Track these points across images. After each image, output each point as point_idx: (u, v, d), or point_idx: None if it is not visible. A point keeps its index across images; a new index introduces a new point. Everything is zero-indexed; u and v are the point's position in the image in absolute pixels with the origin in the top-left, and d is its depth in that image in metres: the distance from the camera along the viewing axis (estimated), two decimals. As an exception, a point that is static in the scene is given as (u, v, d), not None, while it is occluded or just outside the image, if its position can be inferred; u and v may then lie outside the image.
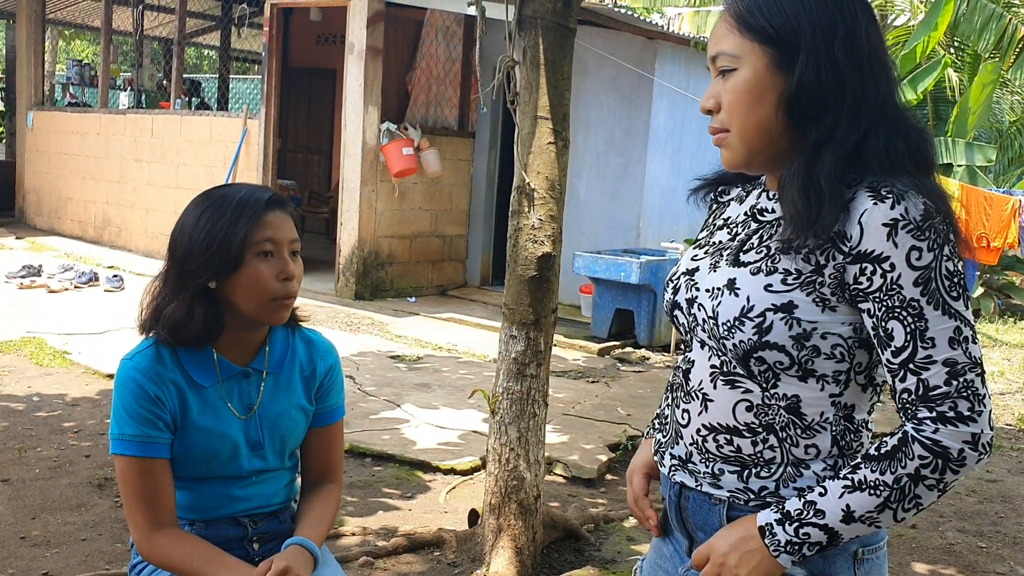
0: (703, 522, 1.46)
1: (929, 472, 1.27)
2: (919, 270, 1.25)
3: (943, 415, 1.26)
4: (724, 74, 1.37)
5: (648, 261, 7.56)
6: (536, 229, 3.38)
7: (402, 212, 9.43)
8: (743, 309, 1.33)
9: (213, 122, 10.33)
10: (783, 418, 1.36)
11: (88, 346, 6.49)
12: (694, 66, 9.19)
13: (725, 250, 1.43)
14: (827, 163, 1.30)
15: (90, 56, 22.36)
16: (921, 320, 1.26)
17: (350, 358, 6.65)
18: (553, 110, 3.35)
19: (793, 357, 1.32)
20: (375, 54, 8.83)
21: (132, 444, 1.79)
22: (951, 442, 1.25)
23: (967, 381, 1.25)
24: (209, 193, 1.88)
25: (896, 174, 1.29)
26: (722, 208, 1.55)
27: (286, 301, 1.84)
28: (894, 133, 1.31)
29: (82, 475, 4.20)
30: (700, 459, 1.44)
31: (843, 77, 1.31)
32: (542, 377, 3.48)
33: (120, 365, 1.84)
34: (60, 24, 14.67)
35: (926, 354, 1.26)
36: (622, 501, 4.36)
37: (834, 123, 1.31)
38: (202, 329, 1.82)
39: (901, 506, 1.29)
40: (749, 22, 1.34)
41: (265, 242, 1.80)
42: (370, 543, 3.71)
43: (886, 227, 1.25)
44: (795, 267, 1.32)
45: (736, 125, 1.36)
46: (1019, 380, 7.61)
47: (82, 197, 12.02)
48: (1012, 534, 4.30)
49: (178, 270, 1.83)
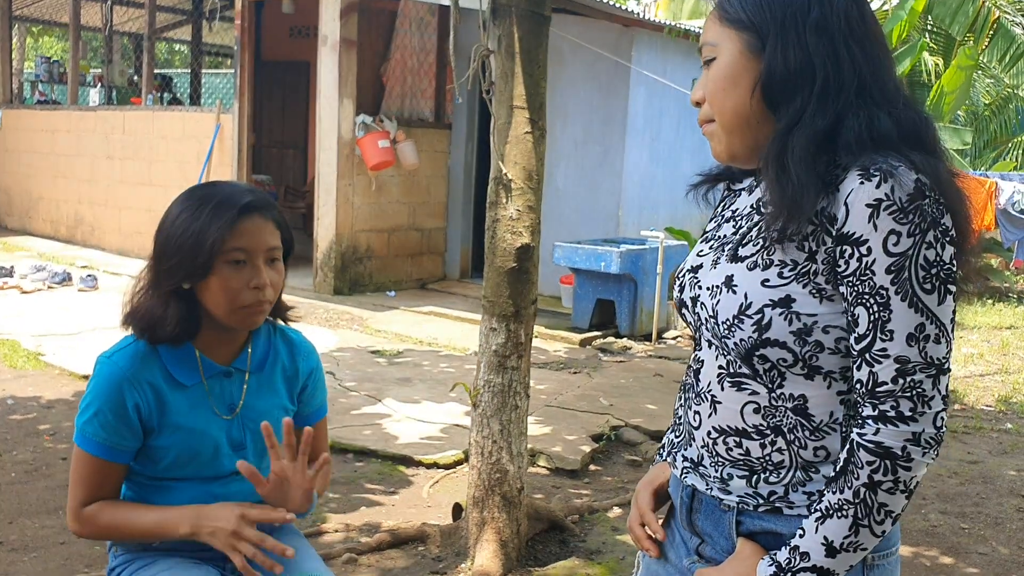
0: (712, 528, 1.44)
1: (882, 475, 1.24)
2: (894, 256, 1.22)
3: (884, 414, 1.24)
4: (708, 64, 1.38)
5: (628, 250, 7.55)
6: (514, 220, 3.35)
7: (379, 206, 9.36)
8: (741, 307, 1.31)
9: (186, 118, 10.23)
10: (791, 420, 1.33)
11: (62, 347, 6.41)
12: (670, 53, 9.17)
13: (727, 245, 1.41)
14: (796, 148, 1.27)
15: (59, 53, 22.09)
16: (885, 310, 1.23)
17: (330, 354, 6.60)
18: (529, 99, 3.32)
19: (796, 354, 1.29)
20: (349, 46, 8.76)
21: (95, 444, 1.79)
22: (893, 441, 1.23)
23: (914, 381, 1.23)
24: (193, 191, 1.86)
25: (888, 152, 1.26)
26: (733, 198, 1.53)
27: (256, 308, 1.81)
28: (878, 111, 1.28)
29: (59, 478, 4.14)
30: (711, 462, 1.42)
31: (813, 61, 1.29)
32: (523, 369, 3.46)
33: (99, 361, 1.82)
34: (28, 21, 14.47)
35: (882, 346, 1.24)
36: (606, 491, 4.35)
37: (804, 107, 1.29)
38: (175, 328, 1.80)
39: (872, 519, 1.26)
40: (727, 11, 1.35)
41: (236, 251, 1.76)
42: (353, 539, 3.68)
43: (869, 208, 1.22)
44: (790, 258, 1.30)
45: (717, 113, 1.36)
46: (998, 362, 7.67)
47: (53, 196, 11.88)
48: (994, 515, 4.32)
49: (155, 268, 1.82)
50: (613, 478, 4.58)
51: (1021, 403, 6.38)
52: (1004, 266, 11.61)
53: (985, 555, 3.87)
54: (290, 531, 2.08)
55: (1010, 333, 8.85)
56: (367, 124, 8.93)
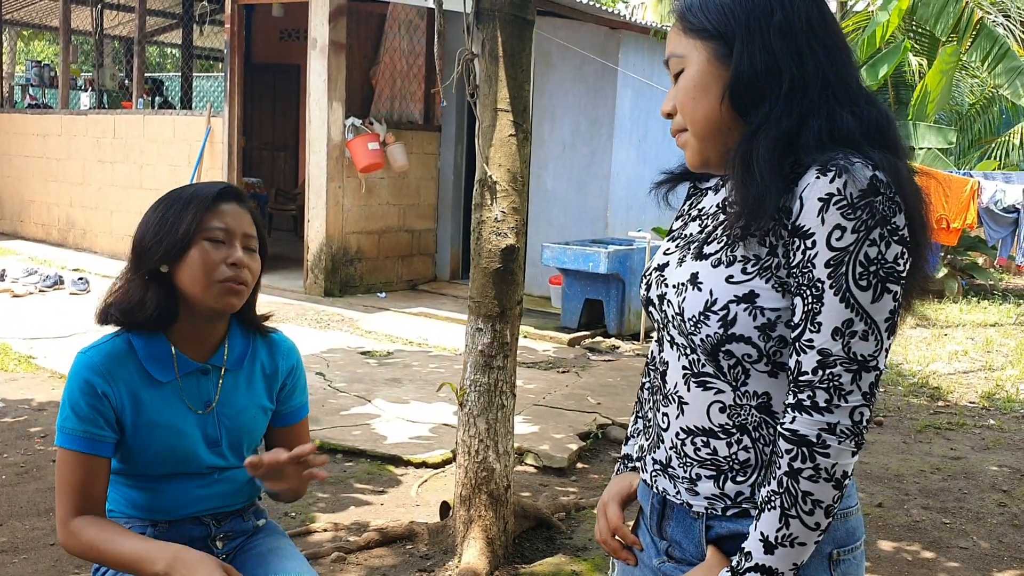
0: (683, 536, 1.45)
1: (800, 463, 1.25)
2: (834, 251, 1.23)
3: (801, 403, 1.26)
4: (676, 77, 1.40)
5: (616, 251, 7.60)
6: (499, 222, 3.39)
7: (369, 208, 9.40)
8: (707, 303, 1.33)
9: (176, 121, 10.25)
10: (755, 418, 1.35)
11: (54, 350, 6.43)
12: (658, 55, 9.22)
13: (693, 243, 1.43)
14: (761, 149, 1.29)
15: (49, 56, 22.05)
16: (818, 302, 1.24)
17: (320, 355, 6.63)
18: (513, 102, 3.36)
19: (761, 349, 1.31)
20: (338, 49, 8.79)
21: (75, 439, 1.79)
22: (807, 430, 1.25)
23: (832, 374, 1.24)
24: (170, 192, 1.91)
25: (849, 149, 1.27)
26: (699, 197, 1.55)
27: (234, 286, 1.83)
28: (840, 110, 1.30)
29: (49, 480, 4.16)
30: (679, 463, 1.43)
31: (779, 64, 1.31)
32: (509, 368, 3.50)
33: (75, 357, 1.84)
34: (18, 25, 14.47)
35: (809, 337, 1.25)
36: (593, 489, 4.40)
37: (770, 110, 1.31)
38: (153, 312, 1.82)
39: (799, 509, 1.26)
40: (691, 21, 1.37)
41: (216, 229, 1.81)
42: (342, 539, 3.71)
43: (820, 202, 1.23)
44: (753, 253, 1.31)
45: (689, 122, 1.38)
46: (982, 359, 7.73)
47: (45, 199, 11.88)
48: (975, 510, 4.37)
49: (133, 258, 1.86)
50: (600, 476, 4.63)
51: (1004, 400, 6.45)
52: (988, 264, 11.70)
53: (966, 549, 3.92)
54: (274, 531, 2.09)
55: (994, 330, 8.92)
56: (356, 127, 8.97)
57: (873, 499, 4.44)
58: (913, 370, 7.26)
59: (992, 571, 3.72)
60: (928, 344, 8.21)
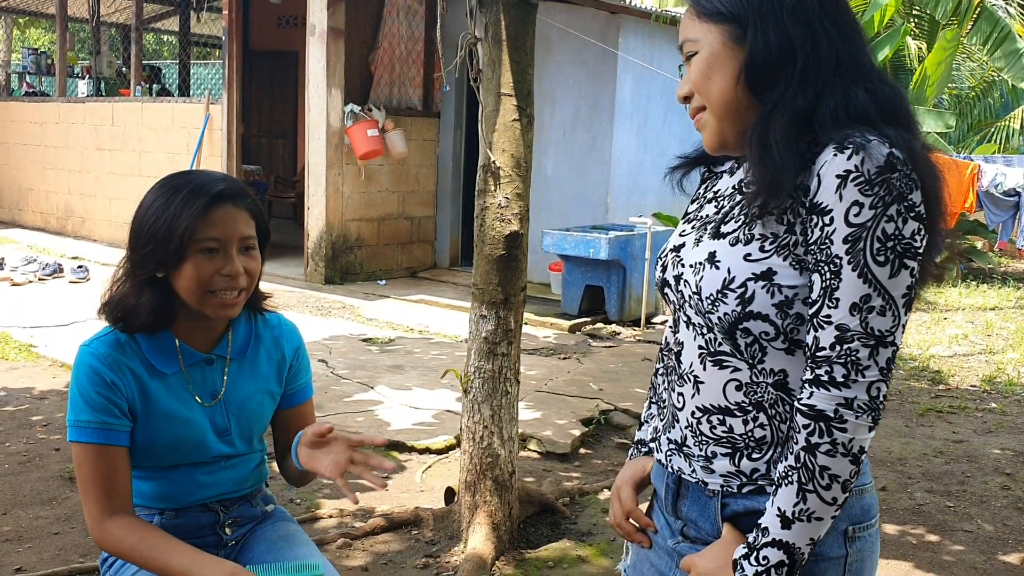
0: (698, 514, 1.46)
1: (818, 438, 1.27)
2: (853, 227, 1.24)
3: (819, 378, 1.27)
4: (690, 60, 1.41)
5: (617, 237, 7.59)
6: (503, 208, 3.38)
7: (369, 195, 9.38)
8: (725, 281, 1.33)
9: (175, 108, 10.22)
10: (771, 395, 1.36)
11: (54, 338, 6.42)
12: (657, 39, 9.20)
13: (709, 223, 1.44)
14: (777, 128, 1.31)
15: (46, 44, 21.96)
16: (836, 278, 1.25)
17: (322, 342, 6.63)
18: (517, 87, 3.35)
19: (778, 326, 1.32)
20: (337, 35, 8.76)
21: (89, 431, 1.77)
22: (825, 404, 1.26)
23: (850, 349, 1.25)
24: (168, 179, 1.85)
25: (864, 127, 1.28)
26: (714, 180, 1.55)
27: (229, 299, 1.80)
28: (854, 87, 1.31)
29: (52, 468, 4.16)
30: (695, 442, 1.44)
31: (793, 43, 1.32)
32: (513, 355, 3.50)
33: (78, 351, 1.82)
34: (13, 12, 14.41)
35: (827, 313, 1.26)
36: (596, 474, 4.40)
37: (786, 88, 1.32)
38: (148, 317, 1.80)
39: (817, 484, 1.27)
40: (704, 6, 1.38)
41: (208, 240, 1.76)
42: (347, 524, 3.72)
43: (838, 179, 1.24)
44: (770, 231, 1.32)
45: (706, 101, 1.39)
46: (983, 342, 7.74)
47: (43, 188, 11.86)
48: (979, 493, 4.38)
49: (129, 257, 1.83)
50: (603, 461, 4.64)
51: (1005, 383, 6.45)
52: (988, 248, 11.70)
53: (970, 532, 3.93)
54: (282, 517, 2.09)
55: (994, 314, 8.92)
56: (356, 113, 8.94)
57: (876, 483, 4.42)
58: (913, 354, 7.26)
59: (997, 554, 3.73)
60: (928, 328, 8.21)
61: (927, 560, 3.65)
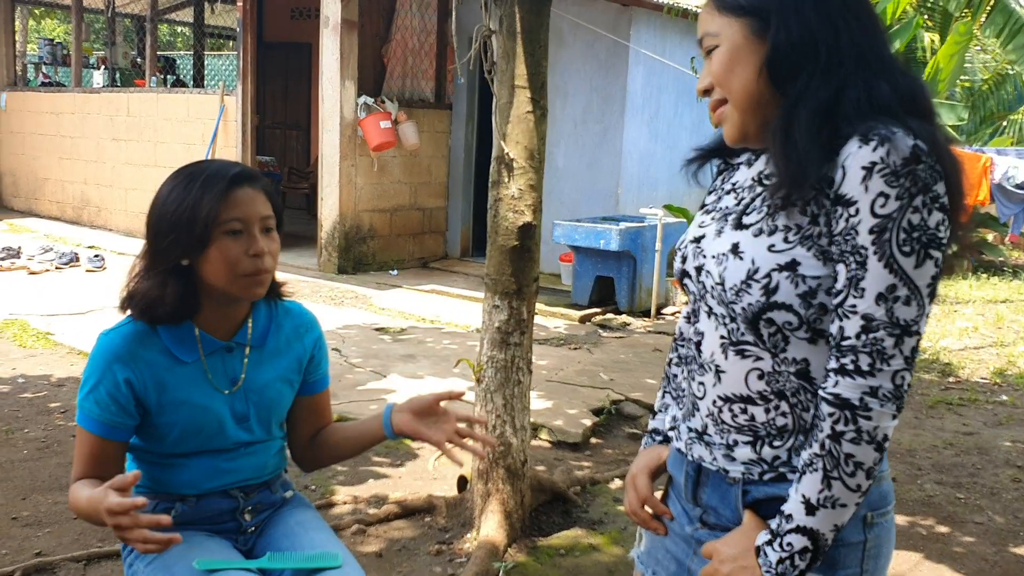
0: (719, 501, 1.48)
1: (843, 426, 1.28)
2: (879, 218, 1.25)
3: (844, 367, 1.29)
4: (710, 54, 1.42)
5: (627, 228, 7.61)
6: (516, 199, 3.41)
7: (382, 186, 9.43)
8: (749, 272, 1.35)
9: (190, 99, 10.27)
10: (793, 384, 1.38)
11: (71, 326, 6.49)
12: (669, 32, 9.20)
13: (730, 215, 1.45)
14: (802, 120, 1.32)
15: (61, 35, 22.04)
16: (862, 268, 1.26)
17: (336, 331, 6.68)
18: (531, 79, 3.37)
19: (801, 316, 1.33)
20: (350, 27, 8.78)
21: (94, 422, 1.81)
22: (850, 393, 1.28)
23: (876, 338, 1.27)
24: (181, 170, 1.87)
25: (887, 119, 1.29)
26: (731, 172, 1.56)
27: (257, 277, 1.83)
28: (876, 80, 1.33)
29: (70, 455, 4.18)
30: (716, 430, 1.45)
31: (815, 36, 1.34)
32: (525, 345, 3.53)
33: (98, 339, 1.85)
34: (30, 3, 14.47)
35: (852, 303, 1.28)
36: (607, 464, 4.44)
37: (808, 81, 1.34)
38: (174, 307, 1.82)
39: (841, 471, 1.29)
40: (725, 0, 1.40)
41: (232, 221, 1.79)
42: (361, 511, 3.76)
43: (864, 170, 1.26)
44: (794, 222, 1.34)
45: (728, 93, 1.41)
46: (993, 335, 7.73)
47: (59, 177, 11.93)
48: (989, 484, 4.40)
49: (151, 248, 1.84)
50: (614, 451, 4.67)
51: (1016, 375, 6.46)
52: (999, 240, 11.67)
53: (981, 524, 3.94)
54: (301, 503, 2.12)
55: (1005, 307, 8.91)
56: (369, 105, 8.98)
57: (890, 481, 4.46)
58: (923, 346, 7.26)
59: (1008, 546, 3.75)
60: (938, 320, 8.21)
61: (937, 551, 3.66)
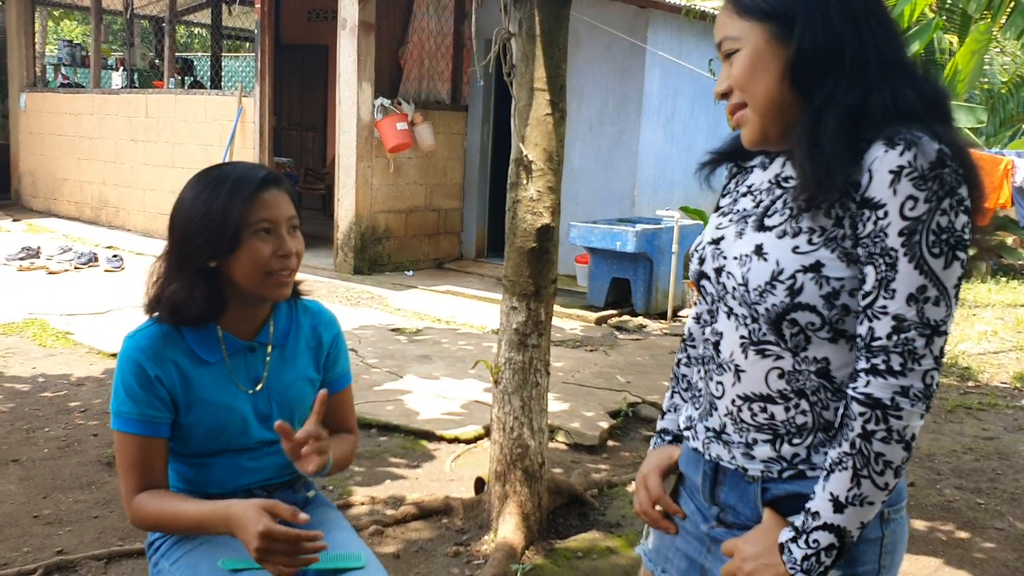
0: (737, 500, 1.49)
1: (874, 425, 1.30)
2: (908, 220, 1.27)
3: (875, 367, 1.30)
4: (730, 57, 1.42)
5: (644, 230, 7.60)
6: (535, 201, 3.41)
7: (397, 187, 9.45)
8: (773, 273, 1.36)
9: (208, 101, 10.32)
10: (813, 383, 1.39)
11: (91, 326, 6.53)
12: (686, 34, 9.19)
13: (750, 217, 1.46)
14: (829, 124, 1.33)
15: (80, 36, 22.21)
16: (892, 270, 1.28)
17: (352, 332, 6.70)
18: (550, 81, 3.38)
19: (824, 317, 1.35)
20: (367, 29, 8.81)
21: (131, 422, 1.83)
22: (881, 393, 1.30)
23: (907, 339, 1.28)
24: (206, 172, 1.90)
25: (912, 123, 1.31)
26: (745, 175, 1.57)
27: (285, 277, 1.86)
28: (901, 85, 1.34)
29: (90, 454, 4.25)
30: (734, 429, 1.47)
31: (840, 41, 1.34)
32: (543, 347, 3.53)
33: (123, 342, 1.87)
34: (49, 4, 14.57)
35: (883, 304, 1.29)
36: (624, 467, 4.43)
37: (835, 86, 1.34)
38: (202, 309, 1.85)
39: (871, 470, 1.31)
40: (746, 4, 1.40)
41: (262, 221, 1.82)
42: (379, 512, 3.77)
43: (892, 174, 1.27)
44: (819, 224, 1.35)
45: (749, 98, 1.41)
46: (1013, 339, 7.68)
47: (78, 178, 12.01)
48: (1010, 490, 4.37)
49: (178, 251, 1.86)
50: (631, 453, 4.67)
51: (1036, 381, 6.41)
52: (1019, 244, 11.59)
53: (1002, 530, 3.91)
54: (323, 503, 2.14)
55: (1026, 311, 8.86)
56: (385, 107, 9.00)
57: (905, 478, 4.44)
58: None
59: (1025, 550, 3.73)
60: (957, 324, 8.15)
61: (957, 557, 3.64)
